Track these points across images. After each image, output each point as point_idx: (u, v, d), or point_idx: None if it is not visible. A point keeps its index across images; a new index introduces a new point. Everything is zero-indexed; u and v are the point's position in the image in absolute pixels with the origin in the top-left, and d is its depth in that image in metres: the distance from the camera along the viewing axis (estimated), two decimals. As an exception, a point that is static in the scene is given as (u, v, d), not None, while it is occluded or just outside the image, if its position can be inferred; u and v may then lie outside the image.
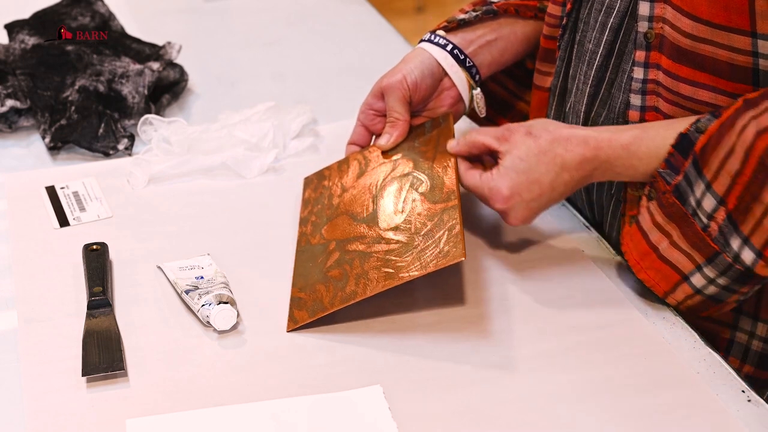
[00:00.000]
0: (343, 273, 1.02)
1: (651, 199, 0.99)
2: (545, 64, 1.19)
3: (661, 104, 1.02)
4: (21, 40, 1.47)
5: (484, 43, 1.21)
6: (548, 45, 1.18)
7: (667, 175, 0.97)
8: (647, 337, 0.98)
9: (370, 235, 1.05)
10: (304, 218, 1.14)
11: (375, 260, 1.01)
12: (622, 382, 0.93)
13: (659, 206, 0.98)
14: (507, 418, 0.89)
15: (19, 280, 1.08)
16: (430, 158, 1.12)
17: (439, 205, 1.04)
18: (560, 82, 1.16)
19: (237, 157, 1.25)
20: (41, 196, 1.22)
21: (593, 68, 1.09)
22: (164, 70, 1.43)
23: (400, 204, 1.08)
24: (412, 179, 1.11)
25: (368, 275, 1.00)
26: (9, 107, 1.35)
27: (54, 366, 0.95)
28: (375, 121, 1.20)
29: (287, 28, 1.73)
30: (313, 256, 1.07)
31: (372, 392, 0.92)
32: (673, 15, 0.99)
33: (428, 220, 1.03)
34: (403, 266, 0.99)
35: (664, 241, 0.98)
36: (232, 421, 0.89)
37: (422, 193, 1.08)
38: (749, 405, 0.91)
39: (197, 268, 1.06)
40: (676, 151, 0.96)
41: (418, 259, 0.99)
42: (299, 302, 1.02)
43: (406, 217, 1.05)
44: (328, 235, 1.09)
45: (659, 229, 0.98)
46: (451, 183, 1.07)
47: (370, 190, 1.12)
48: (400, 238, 1.03)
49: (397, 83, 1.16)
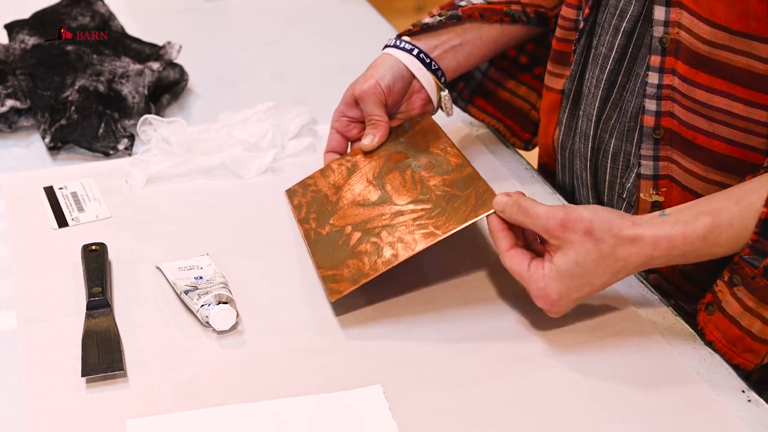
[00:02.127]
0: (374, 246, 1.02)
1: (734, 285, 0.93)
2: (558, 66, 1.19)
3: (677, 110, 1.02)
4: (21, 40, 1.47)
5: (449, 47, 1.22)
6: (561, 47, 1.18)
7: (754, 260, 0.91)
8: (647, 337, 0.98)
9: (389, 211, 1.06)
10: (304, 218, 1.14)
11: (404, 228, 1.02)
12: (622, 382, 0.93)
13: (749, 291, 0.92)
14: (507, 418, 0.89)
15: (19, 280, 1.08)
16: (423, 147, 1.14)
17: (452, 175, 1.05)
18: (574, 86, 1.15)
19: (235, 157, 1.25)
20: (40, 197, 1.22)
21: (606, 72, 1.09)
22: (164, 70, 1.43)
23: (409, 184, 1.09)
24: (412, 164, 1.12)
25: (403, 240, 1.01)
26: (9, 107, 1.35)
27: (54, 366, 0.95)
28: (350, 128, 1.21)
29: (287, 28, 1.73)
30: (330, 242, 1.07)
31: (372, 392, 0.91)
32: (690, 20, 0.98)
33: (447, 187, 1.04)
34: (441, 224, 0.99)
35: (757, 323, 0.93)
36: (232, 421, 0.89)
37: (429, 171, 1.09)
38: (749, 405, 0.90)
39: (196, 268, 1.06)
40: (760, 237, 0.90)
41: (453, 216, 0.99)
42: (334, 277, 1.01)
43: (421, 190, 1.06)
44: (339, 222, 1.09)
45: (751, 312, 0.93)
46: (457, 157, 1.08)
47: (370, 182, 1.13)
48: (423, 207, 1.04)
49: (371, 89, 1.17)
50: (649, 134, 1.04)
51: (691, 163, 1.02)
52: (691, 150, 1.02)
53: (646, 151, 1.05)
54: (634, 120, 1.06)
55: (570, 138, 1.17)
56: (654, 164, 1.05)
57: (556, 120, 1.21)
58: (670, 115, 1.02)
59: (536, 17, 1.24)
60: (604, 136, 1.11)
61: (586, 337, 0.98)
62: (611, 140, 1.10)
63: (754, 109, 0.97)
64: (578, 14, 1.15)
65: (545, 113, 1.23)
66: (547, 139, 1.24)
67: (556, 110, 1.20)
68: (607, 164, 1.11)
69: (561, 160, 1.20)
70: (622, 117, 1.08)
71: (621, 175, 1.10)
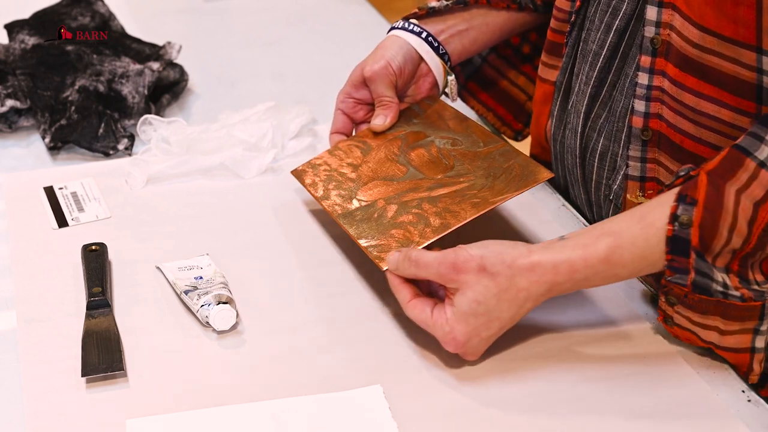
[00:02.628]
0: (418, 216, 1.01)
1: (673, 304, 0.93)
2: (551, 57, 1.19)
3: (665, 112, 1.01)
4: (21, 40, 1.47)
5: (455, 32, 1.22)
6: (555, 38, 1.18)
7: (678, 279, 0.90)
8: (647, 337, 0.98)
9: (425, 185, 1.05)
10: (323, 195, 1.11)
11: (448, 199, 1.02)
12: (622, 382, 0.93)
13: (688, 308, 0.92)
14: (507, 418, 0.89)
15: (19, 280, 1.08)
16: (442, 126, 1.13)
17: (485, 150, 1.05)
18: (566, 79, 1.15)
19: (235, 157, 1.25)
20: (40, 197, 1.22)
21: (596, 69, 1.08)
22: (164, 70, 1.43)
23: (439, 159, 1.08)
24: (437, 141, 1.11)
25: (450, 209, 1.00)
26: (9, 107, 1.35)
27: (54, 366, 0.95)
28: (356, 109, 1.20)
29: (287, 28, 1.73)
30: (363, 216, 1.05)
31: (372, 392, 0.91)
32: (681, 23, 0.97)
33: (483, 161, 1.04)
34: (488, 195, 0.99)
35: (713, 334, 0.93)
36: (232, 421, 0.89)
37: (458, 147, 1.08)
38: (749, 405, 0.90)
39: (196, 268, 1.06)
40: (674, 256, 0.89)
41: (500, 187, 1.00)
42: (380, 248, 1.00)
43: (456, 165, 1.06)
44: (367, 197, 1.08)
45: (701, 326, 0.93)
46: (485, 135, 1.08)
47: (393, 159, 1.12)
48: (463, 179, 1.03)
49: (383, 69, 1.17)
50: (637, 135, 1.04)
51: (677, 167, 1.01)
52: (678, 154, 1.01)
53: (633, 152, 1.04)
54: (622, 120, 1.06)
55: (561, 131, 1.17)
56: (641, 166, 1.05)
57: (548, 111, 1.20)
58: (659, 117, 1.02)
59: (543, 5, 1.24)
60: (592, 134, 1.10)
61: (586, 338, 0.98)
62: (599, 139, 1.09)
63: (741, 116, 0.95)
64: (572, 6, 1.15)
65: (537, 104, 1.23)
66: (540, 130, 1.23)
67: (549, 102, 1.20)
68: (594, 163, 1.10)
69: (554, 152, 1.20)
70: (611, 116, 1.07)
71: (608, 176, 1.09)
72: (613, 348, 0.97)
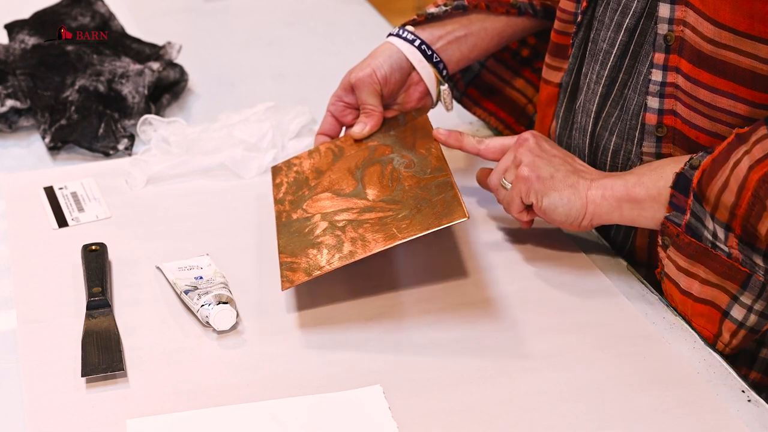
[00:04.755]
0: (336, 239, 1.02)
1: (666, 246, 0.98)
2: (556, 59, 1.19)
3: (680, 108, 1.02)
4: (21, 40, 1.47)
5: (453, 39, 1.21)
6: (559, 40, 1.17)
7: (675, 217, 0.97)
8: (647, 337, 0.98)
9: (359, 206, 1.06)
10: (280, 198, 1.14)
11: (369, 225, 1.02)
12: (622, 382, 0.93)
13: (677, 249, 0.97)
14: (507, 418, 0.89)
15: (19, 280, 1.08)
16: (410, 143, 1.14)
17: (428, 177, 1.05)
18: (572, 80, 1.15)
19: (235, 157, 1.25)
20: (39, 197, 1.22)
21: (606, 68, 1.08)
22: (164, 70, 1.43)
23: (386, 181, 1.09)
24: (394, 160, 1.12)
25: (365, 238, 1.00)
26: (9, 107, 1.35)
27: (53, 366, 0.95)
28: (345, 113, 1.21)
29: (287, 28, 1.73)
30: (297, 228, 1.07)
31: (372, 392, 0.91)
32: (695, 19, 0.98)
33: (420, 190, 1.04)
34: (404, 227, 0.99)
35: (695, 283, 0.97)
36: (232, 421, 0.89)
37: (408, 170, 1.09)
38: (749, 405, 0.90)
39: (196, 268, 1.06)
40: (676, 191, 0.97)
41: (418, 221, 0.99)
42: (291, 265, 1.01)
43: (395, 189, 1.06)
44: (310, 209, 1.09)
45: (686, 273, 0.97)
46: (438, 161, 1.08)
47: (351, 171, 1.13)
48: (392, 206, 1.03)
49: (367, 77, 1.17)
50: (651, 132, 1.04)
51: None
52: (693, 149, 1.02)
53: (647, 149, 1.05)
54: (635, 118, 1.06)
55: (566, 132, 1.16)
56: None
57: (552, 113, 1.20)
58: (673, 114, 1.02)
59: (543, 10, 1.24)
60: (603, 133, 1.10)
61: (586, 337, 0.98)
62: (611, 138, 1.09)
63: (757, 110, 0.96)
64: (577, 7, 1.14)
65: (542, 106, 1.23)
66: (543, 132, 1.23)
67: (553, 103, 1.20)
68: (606, 162, 1.10)
69: None
70: (624, 115, 1.07)
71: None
72: (613, 348, 0.97)
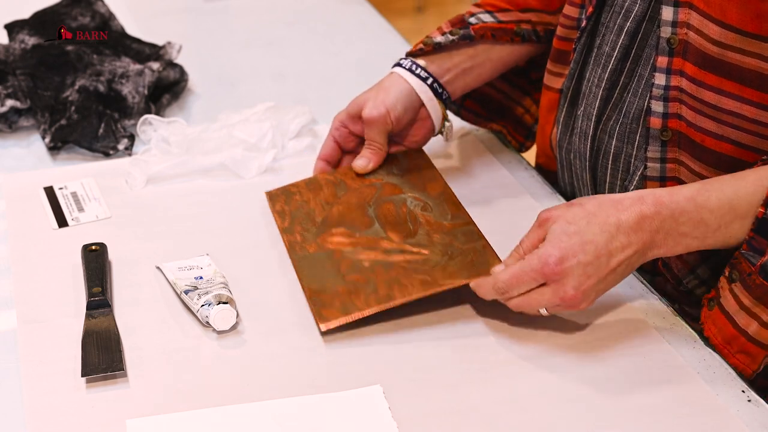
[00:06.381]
0: (367, 279, 1.01)
1: (733, 281, 0.94)
2: (557, 65, 1.19)
3: (685, 111, 1.01)
4: (21, 40, 1.47)
5: (460, 71, 1.21)
6: (561, 46, 1.17)
7: (751, 256, 0.92)
8: (647, 337, 0.98)
9: (383, 246, 1.05)
10: (288, 228, 1.12)
11: (400, 268, 1.02)
12: (622, 382, 0.93)
13: (745, 288, 0.93)
14: (507, 418, 0.89)
15: (19, 280, 1.08)
16: (419, 185, 1.14)
17: (450, 224, 1.06)
18: (573, 85, 1.15)
19: (235, 157, 1.25)
20: (39, 197, 1.22)
21: (607, 71, 1.08)
22: (164, 70, 1.43)
23: (405, 222, 1.09)
24: (408, 201, 1.12)
25: (400, 281, 1.00)
26: (9, 107, 1.35)
27: (53, 367, 0.95)
28: (348, 140, 1.20)
29: (287, 28, 1.73)
30: (317, 262, 1.06)
31: (372, 392, 0.91)
32: (700, 21, 0.97)
33: (446, 236, 1.05)
34: (439, 276, 1.00)
35: (753, 324, 0.93)
36: (232, 421, 0.89)
37: (426, 213, 1.09)
38: (749, 405, 0.90)
39: (196, 268, 1.06)
40: (756, 235, 0.92)
41: (453, 269, 1.00)
42: (323, 302, 1.00)
43: (418, 233, 1.06)
44: (326, 244, 1.08)
45: (747, 312, 0.93)
46: (457, 208, 1.09)
47: (362, 208, 1.12)
48: (421, 251, 1.04)
49: (381, 117, 1.16)
50: (656, 136, 1.04)
51: (699, 166, 1.02)
52: (699, 152, 1.01)
53: (652, 153, 1.04)
54: (636, 122, 1.06)
55: (567, 137, 1.16)
56: (661, 166, 1.05)
57: (553, 119, 1.20)
58: (678, 117, 1.02)
59: (545, 35, 1.23)
60: (603, 137, 1.10)
61: (587, 338, 0.98)
62: (611, 141, 1.09)
63: (764, 111, 0.96)
64: (581, 12, 1.14)
65: (543, 112, 1.23)
66: (545, 139, 1.23)
67: (554, 109, 1.20)
68: (607, 165, 1.10)
69: (560, 159, 1.20)
70: (623, 118, 1.07)
71: (622, 178, 1.09)
72: (613, 348, 0.97)
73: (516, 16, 1.22)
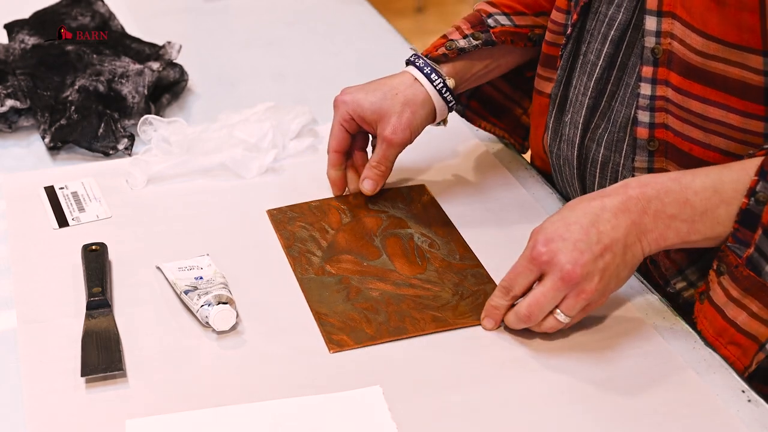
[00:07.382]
0: (377, 308, 1.01)
1: (721, 274, 0.95)
2: (546, 70, 1.18)
3: (671, 121, 1.01)
4: (21, 40, 1.47)
5: (475, 80, 1.21)
6: (550, 51, 1.17)
7: (737, 248, 0.93)
8: (647, 337, 0.98)
9: (393, 278, 1.06)
10: (292, 248, 1.11)
11: (411, 302, 1.02)
12: (622, 382, 0.93)
13: (733, 280, 0.94)
14: (507, 418, 0.89)
15: (19, 280, 1.08)
16: (425, 221, 1.15)
17: (459, 264, 1.07)
18: (561, 92, 1.14)
19: (236, 157, 1.25)
20: (40, 197, 1.22)
21: (593, 80, 1.08)
22: (164, 70, 1.43)
23: (413, 257, 1.09)
24: (415, 237, 1.12)
25: (412, 314, 1.00)
26: (9, 107, 1.35)
27: (53, 366, 0.95)
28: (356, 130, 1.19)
29: (287, 28, 1.73)
30: (325, 285, 1.05)
31: (372, 392, 0.91)
32: (683, 31, 0.97)
33: (455, 275, 1.05)
34: (450, 315, 1.00)
35: (742, 315, 0.94)
36: (232, 421, 0.89)
37: (433, 250, 1.09)
38: (749, 405, 0.90)
39: (196, 268, 1.06)
40: (741, 226, 0.92)
41: (464, 309, 1.01)
42: (333, 327, 0.99)
43: (427, 269, 1.07)
44: (334, 270, 1.07)
45: (736, 303, 0.94)
46: (465, 249, 1.10)
47: (368, 237, 1.12)
48: (430, 287, 1.04)
49: (405, 141, 1.15)
50: (643, 146, 1.03)
51: None
52: (686, 161, 1.01)
53: (640, 163, 1.04)
54: (623, 130, 1.05)
55: (556, 143, 1.16)
56: None
57: (544, 123, 1.20)
58: (665, 127, 1.02)
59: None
60: (591, 145, 1.10)
61: (586, 338, 0.98)
62: (599, 150, 1.09)
63: (750, 119, 0.96)
64: (567, 19, 1.14)
65: (534, 116, 1.22)
66: (538, 142, 1.23)
67: (545, 114, 1.19)
68: (595, 173, 1.10)
69: (552, 164, 1.20)
70: (611, 127, 1.07)
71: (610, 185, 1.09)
72: (613, 348, 0.97)
73: (532, 21, 1.21)
